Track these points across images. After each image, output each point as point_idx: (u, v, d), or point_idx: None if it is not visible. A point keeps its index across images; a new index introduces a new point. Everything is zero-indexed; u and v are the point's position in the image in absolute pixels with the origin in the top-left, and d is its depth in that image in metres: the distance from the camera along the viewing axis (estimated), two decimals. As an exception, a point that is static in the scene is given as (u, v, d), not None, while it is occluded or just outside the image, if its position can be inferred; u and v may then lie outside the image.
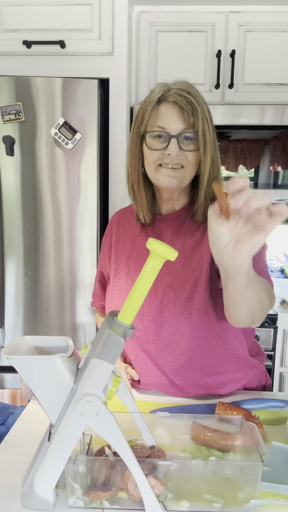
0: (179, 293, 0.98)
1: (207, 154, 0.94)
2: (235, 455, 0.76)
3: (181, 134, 0.92)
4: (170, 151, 0.92)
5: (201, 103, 0.93)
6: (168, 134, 0.92)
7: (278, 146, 2.10)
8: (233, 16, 2.01)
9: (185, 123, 0.92)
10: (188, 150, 0.93)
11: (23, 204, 1.75)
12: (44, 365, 0.65)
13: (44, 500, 0.66)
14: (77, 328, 1.82)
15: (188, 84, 0.95)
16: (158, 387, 1.05)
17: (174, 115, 0.92)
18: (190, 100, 0.91)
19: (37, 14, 1.87)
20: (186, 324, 0.97)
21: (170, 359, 1.00)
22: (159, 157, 0.94)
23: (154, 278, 0.65)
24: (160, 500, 0.65)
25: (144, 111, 0.95)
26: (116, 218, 1.17)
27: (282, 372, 2.01)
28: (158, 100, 0.93)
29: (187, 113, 0.91)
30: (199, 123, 0.91)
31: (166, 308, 0.99)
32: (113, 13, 1.86)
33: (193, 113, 0.91)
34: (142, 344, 1.02)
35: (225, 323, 0.98)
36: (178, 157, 0.93)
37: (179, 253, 0.96)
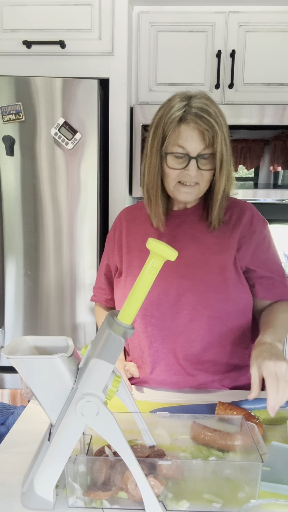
0: (197, 283, 1.03)
1: (223, 172, 1.00)
2: (235, 455, 0.76)
3: (200, 155, 0.97)
4: (190, 172, 0.97)
5: (220, 123, 0.96)
6: (187, 155, 0.97)
7: (278, 146, 2.10)
8: (233, 16, 2.01)
9: (204, 145, 0.96)
10: (205, 170, 0.99)
11: (23, 204, 1.75)
12: (44, 365, 0.65)
13: (44, 500, 0.66)
14: (77, 328, 1.82)
15: (207, 101, 0.97)
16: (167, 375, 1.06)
17: (195, 138, 0.96)
18: (210, 123, 0.94)
19: (37, 14, 1.87)
20: (204, 312, 1.03)
21: (184, 344, 1.04)
22: (179, 175, 1.00)
23: (154, 278, 0.65)
24: (160, 500, 0.65)
25: (165, 128, 0.98)
26: (125, 213, 1.20)
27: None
28: (179, 120, 0.96)
29: (207, 137, 0.95)
30: (218, 145, 0.95)
31: (182, 296, 1.03)
32: (113, 13, 1.86)
33: (213, 136, 0.95)
34: (157, 331, 1.05)
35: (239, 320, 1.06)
36: (196, 177, 0.99)
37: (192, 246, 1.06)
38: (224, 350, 1.06)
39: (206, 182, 1.01)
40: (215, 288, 1.03)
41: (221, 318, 1.04)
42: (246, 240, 1.06)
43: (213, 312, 1.03)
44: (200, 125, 0.94)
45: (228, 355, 1.06)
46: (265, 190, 2.08)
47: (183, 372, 1.06)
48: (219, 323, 1.04)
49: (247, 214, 1.08)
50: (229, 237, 1.06)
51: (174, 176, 1.00)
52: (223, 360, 1.06)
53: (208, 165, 0.98)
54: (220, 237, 1.07)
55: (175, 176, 1.00)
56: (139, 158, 2.03)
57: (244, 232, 1.06)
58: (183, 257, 1.03)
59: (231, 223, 1.08)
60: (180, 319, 1.04)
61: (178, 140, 0.97)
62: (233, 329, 1.06)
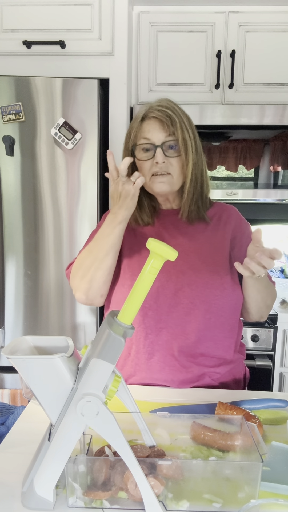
0: (195, 279, 1.08)
1: (189, 158, 1.06)
2: (235, 455, 0.76)
3: (164, 143, 1.05)
4: (157, 159, 1.05)
5: (178, 114, 1.05)
6: (153, 145, 1.06)
7: (278, 146, 2.10)
8: (233, 16, 2.01)
9: (166, 133, 1.05)
10: (172, 156, 1.06)
11: (23, 204, 1.75)
12: (44, 365, 0.65)
13: (44, 500, 0.66)
14: (77, 328, 1.82)
15: (167, 100, 1.09)
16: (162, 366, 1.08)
17: (156, 128, 1.06)
18: (167, 113, 1.05)
19: (37, 14, 1.87)
20: (201, 306, 1.07)
21: (180, 337, 1.07)
22: (150, 167, 1.07)
23: (154, 278, 0.65)
24: (160, 500, 0.65)
25: (131, 128, 1.10)
26: None
27: (282, 372, 2.01)
28: (141, 118, 1.07)
29: (166, 125, 1.04)
30: (178, 131, 1.04)
31: (180, 291, 1.08)
32: (113, 13, 1.86)
33: (172, 124, 1.04)
34: (153, 323, 1.08)
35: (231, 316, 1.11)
36: (165, 165, 1.06)
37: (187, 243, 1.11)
38: (216, 344, 1.10)
39: (178, 171, 1.07)
40: (212, 284, 1.08)
41: (216, 313, 1.08)
42: (238, 240, 1.15)
43: (209, 307, 1.07)
44: (159, 115, 1.04)
45: (219, 349, 1.10)
46: (265, 190, 2.08)
47: (176, 364, 1.08)
48: (213, 318, 1.08)
49: (234, 216, 1.18)
50: (222, 237, 1.14)
51: (146, 169, 1.07)
52: (214, 354, 1.10)
53: (174, 153, 1.06)
54: (213, 236, 1.14)
55: (147, 169, 1.07)
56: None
57: (235, 233, 1.15)
58: (183, 252, 1.08)
59: (221, 224, 1.16)
60: (177, 312, 1.07)
61: (142, 133, 1.07)
62: (225, 324, 1.10)
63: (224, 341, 1.11)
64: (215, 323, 1.09)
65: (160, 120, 1.05)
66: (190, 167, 1.07)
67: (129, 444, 0.64)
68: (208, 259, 1.11)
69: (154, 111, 1.06)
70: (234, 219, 1.17)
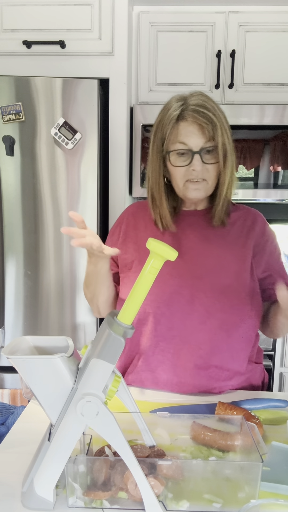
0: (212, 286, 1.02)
1: (227, 164, 0.99)
2: (235, 455, 0.76)
3: (202, 149, 0.97)
4: (195, 167, 0.97)
5: (218, 115, 0.97)
6: (190, 150, 0.97)
7: (278, 146, 2.10)
8: (233, 16, 2.01)
9: (205, 138, 0.96)
10: (210, 163, 0.98)
11: (23, 204, 1.75)
12: (44, 365, 0.65)
13: (44, 500, 0.66)
14: (77, 328, 1.82)
15: (204, 98, 0.98)
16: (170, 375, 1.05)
17: (195, 132, 0.96)
18: (208, 116, 0.95)
19: (37, 14, 1.87)
20: (217, 315, 1.02)
21: (192, 347, 1.03)
22: (185, 173, 0.99)
23: (154, 278, 0.65)
24: (160, 500, 0.65)
25: (164, 129, 0.99)
26: (133, 210, 1.17)
27: (282, 372, 2.01)
28: (176, 118, 0.97)
29: (207, 130, 0.95)
30: (219, 137, 0.96)
31: (196, 298, 1.02)
32: (113, 13, 1.86)
33: (213, 128, 0.95)
34: (165, 331, 1.04)
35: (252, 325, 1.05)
36: (202, 172, 0.98)
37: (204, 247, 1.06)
38: (231, 357, 1.04)
39: (214, 177, 1.01)
40: (230, 293, 1.01)
41: (233, 324, 1.02)
42: (260, 248, 1.08)
43: (226, 317, 1.01)
44: (198, 119, 0.95)
45: (234, 361, 1.05)
46: (265, 190, 2.08)
47: (186, 374, 1.04)
48: (230, 329, 1.02)
49: (260, 222, 1.11)
50: (244, 243, 1.06)
51: (181, 175, 1.00)
52: (228, 367, 1.04)
53: (212, 159, 0.98)
54: (235, 242, 1.07)
55: (182, 175, 1.00)
56: (139, 158, 2.03)
57: (258, 240, 1.08)
58: (195, 257, 1.04)
59: (245, 230, 1.08)
60: (191, 321, 1.02)
61: (178, 137, 0.97)
62: (243, 335, 1.04)
63: (240, 353, 1.05)
64: (231, 335, 1.03)
65: (198, 123, 0.96)
66: (228, 173, 1.01)
67: (129, 444, 0.64)
68: (228, 265, 1.04)
69: (191, 112, 0.95)
70: (259, 226, 1.10)
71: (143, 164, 2.04)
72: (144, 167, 2.04)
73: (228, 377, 1.05)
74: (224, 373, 1.04)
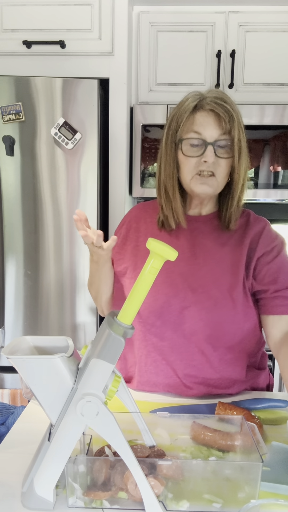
0: (203, 298, 0.99)
1: (242, 161, 0.95)
2: (235, 455, 0.76)
3: (217, 141, 0.93)
4: (207, 158, 0.93)
5: (236, 111, 0.94)
6: (204, 141, 0.93)
7: (278, 146, 2.10)
8: (233, 16, 2.01)
9: (222, 130, 0.93)
10: (223, 157, 0.94)
11: (23, 204, 1.75)
12: (44, 365, 0.65)
13: (44, 500, 0.66)
14: (77, 328, 1.82)
15: (222, 93, 0.96)
16: (167, 387, 1.04)
17: (211, 122, 0.93)
18: (226, 108, 0.92)
19: (37, 14, 1.87)
20: (206, 329, 0.98)
21: (185, 357, 1.01)
22: (196, 165, 0.95)
23: (154, 278, 0.65)
24: (160, 500, 0.65)
25: (179, 118, 0.96)
26: (136, 212, 1.15)
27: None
28: (194, 108, 0.94)
29: (224, 121, 0.92)
30: (235, 130, 0.92)
31: (186, 310, 0.99)
32: (113, 13, 1.86)
33: (230, 121, 0.92)
34: (156, 341, 1.03)
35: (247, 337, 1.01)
36: (213, 165, 0.94)
37: (202, 256, 1.02)
38: (227, 367, 1.02)
39: (224, 174, 0.96)
40: (221, 307, 0.98)
41: (223, 337, 0.99)
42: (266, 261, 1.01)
43: (214, 331, 0.98)
44: (216, 108, 0.92)
45: (231, 372, 1.03)
46: (265, 190, 2.08)
47: (182, 386, 1.03)
48: (220, 341, 0.99)
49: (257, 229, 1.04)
50: (240, 254, 1.01)
51: (190, 167, 0.95)
52: (225, 376, 1.02)
53: (226, 154, 0.94)
54: (233, 251, 1.02)
55: (191, 167, 0.95)
56: (139, 158, 2.03)
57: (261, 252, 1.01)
58: (195, 267, 1.02)
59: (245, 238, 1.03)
60: (182, 332, 1.00)
61: (193, 126, 0.94)
62: (236, 347, 1.01)
63: (237, 363, 1.02)
64: (222, 347, 1.00)
65: (216, 114, 0.92)
66: (242, 172, 0.96)
67: (129, 444, 0.64)
68: (222, 277, 1.00)
69: (210, 102, 0.93)
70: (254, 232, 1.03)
71: (143, 164, 2.04)
72: (145, 167, 2.04)
73: (227, 385, 1.03)
74: (223, 382, 1.03)
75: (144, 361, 1.05)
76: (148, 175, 2.06)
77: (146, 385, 1.06)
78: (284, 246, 1.04)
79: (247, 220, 1.06)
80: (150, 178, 2.06)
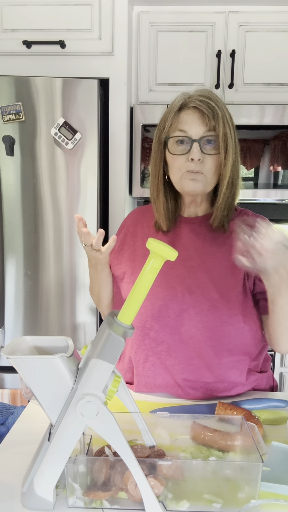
0: (201, 300, 0.98)
1: (228, 157, 0.95)
2: (235, 455, 0.76)
3: (202, 138, 0.94)
4: (193, 155, 0.93)
5: (221, 107, 0.94)
6: (190, 138, 0.94)
7: (278, 146, 2.10)
8: (233, 16, 2.01)
9: (206, 127, 0.93)
10: (210, 154, 0.95)
11: (23, 204, 1.75)
12: (44, 365, 0.65)
13: (44, 500, 0.66)
14: (77, 328, 1.82)
15: (208, 91, 0.97)
16: (165, 389, 1.04)
17: (196, 120, 0.94)
18: (210, 105, 0.93)
19: (37, 14, 1.87)
20: (205, 332, 0.98)
21: (183, 361, 1.00)
22: (184, 164, 0.95)
23: (154, 278, 0.65)
24: (160, 500, 0.65)
25: (165, 118, 0.97)
26: (134, 216, 1.16)
27: (282, 372, 2.01)
28: (179, 107, 0.95)
29: (207, 117, 0.93)
30: (220, 126, 0.93)
31: (185, 312, 0.99)
32: (113, 13, 1.86)
33: (214, 117, 0.93)
34: (154, 346, 1.02)
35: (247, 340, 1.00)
36: (200, 163, 0.94)
37: (199, 258, 1.01)
38: (226, 370, 1.01)
39: (212, 171, 0.96)
40: (220, 308, 0.97)
41: (222, 340, 0.98)
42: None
43: (213, 333, 0.97)
44: (200, 105, 0.93)
45: (230, 375, 1.01)
46: (265, 190, 2.08)
47: (179, 390, 1.02)
48: (219, 344, 0.98)
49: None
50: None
51: (178, 165, 0.96)
52: (224, 379, 1.01)
53: (212, 150, 0.95)
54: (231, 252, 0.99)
55: (179, 165, 0.96)
56: (139, 158, 2.03)
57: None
58: (192, 269, 1.01)
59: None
60: (180, 335, 0.99)
61: (178, 125, 0.95)
62: (236, 350, 1.00)
63: (236, 365, 1.01)
64: (221, 350, 0.99)
65: (200, 111, 0.93)
66: (229, 168, 0.95)
67: (129, 444, 0.64)
68: (220, 279, 0.99)
69: (194, 100, 0.94)
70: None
71: (143, 164, 2.04)
72: (145, 167, 2.04)
73: (227, 388, 1.02)
74: (223, 385, 1.02)
75: (142, 365, 1.04)
76: (148, 175, 2.05)
77: (144, 388, 1.06)
78: None
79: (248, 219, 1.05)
80: (150, 178, 2.05)
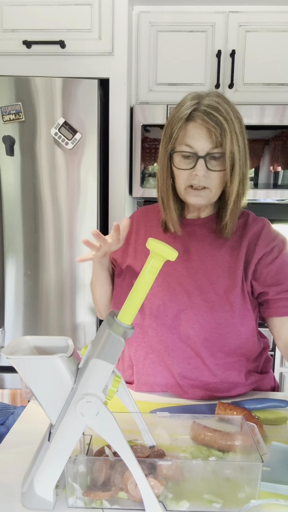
0: (199, 301, 0.98)
1: (235, 174, 0.93)
2: (235, 455, 0.76)
3: (208, 154, 0.91)
4: (197, 172, 0.92)
5: (231, 120, 0.90)
6: (195, 154, 0.92)
7: (278, 146, 2.10)
8: (233, 16, 2.01)
9: (213, 144, 0.91)
10: (215, 170, 0.93)
11: (23, 204, 1.75)
12: (44, 365, 0.65)
13: (44, 500, 0.66)
14: (77, 328, 1.82)
15: (218, 98, 0.92)
16: (165, 388, 1.04)
17: (202, 135, 0.91)
18: (218, 120, 0.89)
19: (37, 14, 1.87)
20: (201, 333, 0.98)
21: (181, 361, 1.00)
22: (188, 178, 0.94)
23: (154, 278, 0.65)
24: (160, 500, 0.65)
25: (172, 128, 0.94)
26: (138, 216, 1.16)
27: (282, 372, 2.01)
28: (187, 118, 0.92)
29: (214, 135, 0.90)
30: (227, 143, 0.90)
31: (182, 313, 0.99)
32: (113, 13, 1.86)
33: (221, 134, 0.89)
34: (154, 344, 1.02)
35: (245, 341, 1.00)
36: (205, 179, 0.93)
37: (200, 260, 1.02)
38: (225, 371, 1.01)
39: (218, 186, 0.95)
40: (217, 310, 0.97)
41: (219, 341, 0.98)
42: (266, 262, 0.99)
43: (210, 335, 0.97)
44: (207, 122, 0.89)
45: (230, 375, 1.01)
46: (265, 190, 2.08)
47: (179, 389, 1.02)
48: (216, 345, 0.98)
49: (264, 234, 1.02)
50: (237, 256, 1.00)
51: (183, 179, 0.95)
52: (223, 380, 1.01)
53: (218, 167, 0.92)
54: (230, 254, 1.01)
55: (184, 179, 0.95)
56: (139, 158, 2.03)
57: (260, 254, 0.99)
58: (191, 270, 1.01)
59: (243, 240, 1.02)
60: (177, 335, 0.99)
61: (185, 138, 0.92)
62: (233, 351, 1.00)
63: (235, 366, 1.01)
64: (216, 351, 0.99)
65: (206, 126, 0.90)
66: (236, 185, 0.94)
67: (129, 444, 0.64)
68: (218, 280, 0.99)
69: (202, 114, 0.90)
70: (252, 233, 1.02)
71: (143, 164, 2.04)
72: (145, 167, 2.04)
73: (227, 388, 1.02)
74: (222, 385, 1.02)
75: (142, 362, 1.05)
76: (148, 175, 2.06)
77: (144, 386, 1.06)
78: (285, 245, 1.02)
79: (246, 221, 1.05)
80: (150, 178, 2.06)
